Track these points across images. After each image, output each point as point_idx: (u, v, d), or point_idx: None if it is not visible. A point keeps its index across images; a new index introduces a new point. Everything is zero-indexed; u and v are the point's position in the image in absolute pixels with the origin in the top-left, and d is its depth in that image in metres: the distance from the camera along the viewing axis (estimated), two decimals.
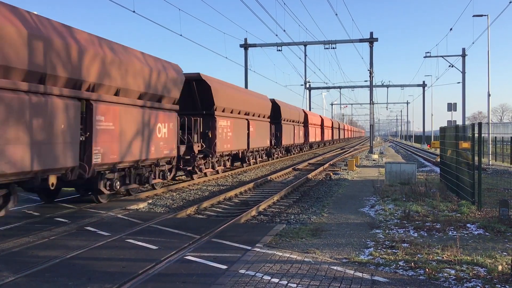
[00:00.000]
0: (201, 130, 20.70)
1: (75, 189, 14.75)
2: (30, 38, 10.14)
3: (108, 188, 13.49)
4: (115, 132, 13.27)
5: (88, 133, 12.20)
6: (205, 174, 21.92)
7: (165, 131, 16.38)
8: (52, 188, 11.31)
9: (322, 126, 59.72)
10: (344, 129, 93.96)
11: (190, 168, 19.95)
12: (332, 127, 71.26)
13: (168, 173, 17.14)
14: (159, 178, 16.52)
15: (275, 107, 35.49)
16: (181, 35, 27.37)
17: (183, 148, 18.65)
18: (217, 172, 23.36)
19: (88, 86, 12.23)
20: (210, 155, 21.43)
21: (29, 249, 8.60)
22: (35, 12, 10.91)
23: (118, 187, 13.89)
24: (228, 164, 25.03)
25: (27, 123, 10.07)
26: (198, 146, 20.09)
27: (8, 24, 9.68)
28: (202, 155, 20.84)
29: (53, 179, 11.20)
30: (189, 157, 19.49)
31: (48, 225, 10.72)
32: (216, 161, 22.90)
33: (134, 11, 19.19)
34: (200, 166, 20.86)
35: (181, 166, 19.35)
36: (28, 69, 10.17)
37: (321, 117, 61.42)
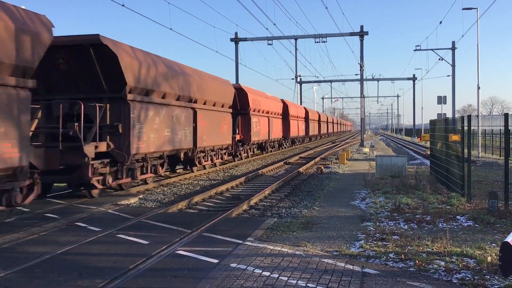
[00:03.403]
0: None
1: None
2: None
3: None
4: None
5: None
6: (204, 167, 22.57)
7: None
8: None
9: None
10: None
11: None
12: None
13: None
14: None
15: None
16: (171, 29, 27.22)
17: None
18: (215, 165, 24.01)
19: None
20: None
21: (19, 245, 8.55)
22: (23, 7, 10.79)
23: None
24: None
25: None
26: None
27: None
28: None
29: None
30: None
31: (38, 221, 10.66)
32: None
33: (123, 5, 19.06)
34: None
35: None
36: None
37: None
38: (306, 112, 54.57)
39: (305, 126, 53.84)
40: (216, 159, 23.66)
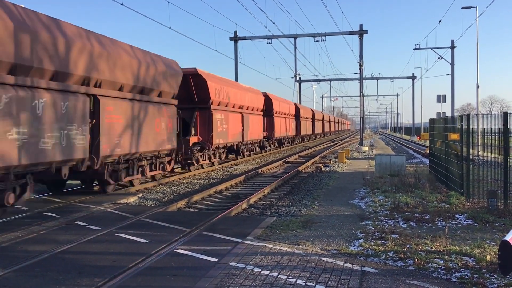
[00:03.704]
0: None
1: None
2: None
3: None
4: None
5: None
6: (202, 166, 22.37)
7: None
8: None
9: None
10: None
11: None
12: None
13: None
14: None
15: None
16: (170, 27, 27.12)
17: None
18: (213, 164, 23.81)
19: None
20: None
21: (18, 244, 8.55)
22: (22, 5, 10.77)
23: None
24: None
25: None
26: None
27: None
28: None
29: None
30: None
31: (37, 219, 10.65)
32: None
33: (122, 4, 19.03)
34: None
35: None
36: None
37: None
38: (297, 109, 48.78)
39: (296, 125, 48.44)
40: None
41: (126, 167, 15.00)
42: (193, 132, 20.99)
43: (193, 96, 21.63)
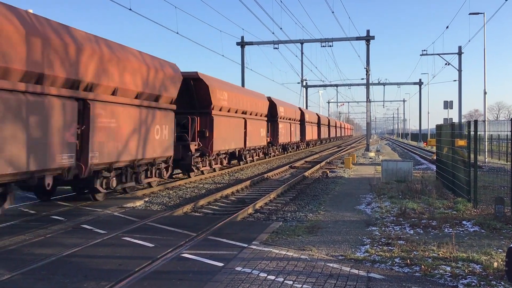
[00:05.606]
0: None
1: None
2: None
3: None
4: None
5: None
6: (202, 172, 21.93)
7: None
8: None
9: (319, 124, 58.73)
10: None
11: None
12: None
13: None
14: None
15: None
16: (177, 33, 27.22)
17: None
18: (214, 170, 23.42)
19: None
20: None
21: (25, 247, 8.58)
22: (31, 11, 10.86)
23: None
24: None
25: None
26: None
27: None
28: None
29: None
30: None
31: (44, 223, 10.70)
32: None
33: (130, 9, 19.16)
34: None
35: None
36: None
37: (317, 115, 60.91)
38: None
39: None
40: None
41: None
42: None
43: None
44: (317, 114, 60.82)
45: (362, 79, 78.07)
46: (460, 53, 48.58)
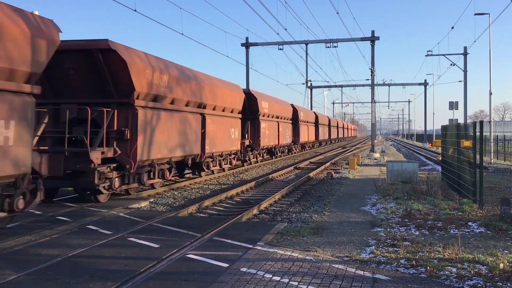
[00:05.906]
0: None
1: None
2: None
3: None
4: None
5: None
6: (223, 169, 23.88)
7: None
8: None
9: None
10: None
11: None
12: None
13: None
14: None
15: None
16: (182, 33, 27.33)
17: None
18: (223, 170, 23.85)
19: None
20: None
21: (31, 248, 8.62)
22: (36, 12, 10.90)
23: None
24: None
25: None
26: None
27: None
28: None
29: None
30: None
31: (50, 223, 10.75)
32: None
33: (135, 10, 19.23)
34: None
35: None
36: None
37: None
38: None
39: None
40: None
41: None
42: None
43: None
44: (314, 112, 56.05)
45: (367, 79, 77.82)
46: (465, 54, 48.44)
